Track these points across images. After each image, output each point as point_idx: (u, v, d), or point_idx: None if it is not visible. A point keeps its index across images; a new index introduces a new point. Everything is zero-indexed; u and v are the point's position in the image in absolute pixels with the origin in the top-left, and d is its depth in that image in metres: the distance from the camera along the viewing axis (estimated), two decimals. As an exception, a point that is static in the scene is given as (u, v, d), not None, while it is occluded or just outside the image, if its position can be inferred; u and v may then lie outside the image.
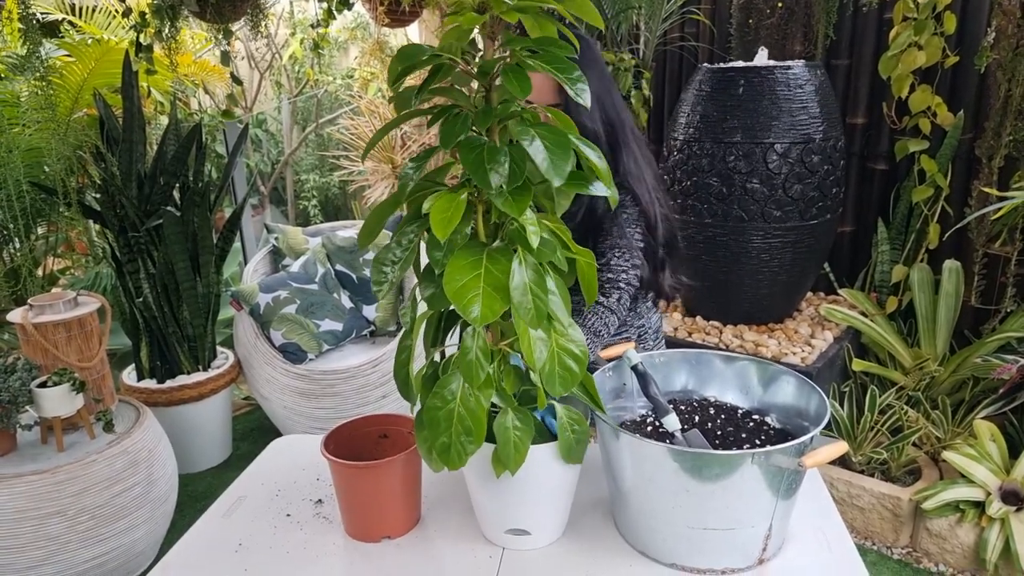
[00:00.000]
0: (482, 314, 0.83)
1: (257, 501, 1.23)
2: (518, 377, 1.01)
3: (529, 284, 0.87)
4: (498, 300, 0.84)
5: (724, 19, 2.99)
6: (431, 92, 0.92)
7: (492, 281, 0.86)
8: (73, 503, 1.91)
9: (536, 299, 0.87)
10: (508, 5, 0.85)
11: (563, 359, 0.94)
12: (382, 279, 0.94)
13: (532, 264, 0.89)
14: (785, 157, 2.29)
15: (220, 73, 3.52)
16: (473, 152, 0.86)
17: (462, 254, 0.88)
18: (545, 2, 0.86)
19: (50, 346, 2.03)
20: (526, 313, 0.86)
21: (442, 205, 0.85)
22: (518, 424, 0.96)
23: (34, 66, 2.36)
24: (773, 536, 1.02)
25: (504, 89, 0.90)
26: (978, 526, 2.06)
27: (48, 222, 2.89)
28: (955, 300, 2.54)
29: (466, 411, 0.92)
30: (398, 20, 2.82)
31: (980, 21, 2.52)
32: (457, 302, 0.84)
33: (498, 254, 0.89)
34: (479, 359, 0.91)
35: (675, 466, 0.97)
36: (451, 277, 0.85)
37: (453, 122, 0.88)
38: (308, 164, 5.02)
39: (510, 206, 0.85)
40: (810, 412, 1.11)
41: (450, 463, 0.92)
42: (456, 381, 0.93)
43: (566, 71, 0.87)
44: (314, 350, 2.78)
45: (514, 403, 0.97)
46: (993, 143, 2.44)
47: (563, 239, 0.96)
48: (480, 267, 0.87)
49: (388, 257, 0.94)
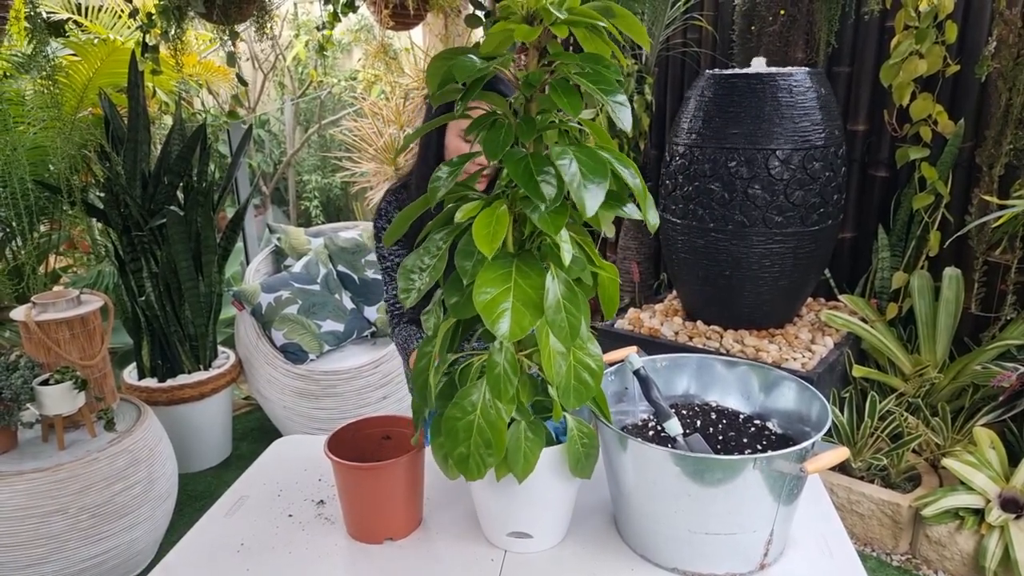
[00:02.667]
0: (511, 330, 0.82)
1: (259, 501, 1.23)
2: (533, 387, 1.01)
3: (563, 302, 0.86)
4: (527, 316, 0.83)
5: (726, 25, 3.00)
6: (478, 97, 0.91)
7: (522, 296, 0.84)
8: (74, 501, 1.91)
9: (570, 316, 0.87)
10: (558, 18, 0.82)
11: (579, 373, 0.94)
12: (410, 286, 0.92)
13: (564, 280, 0.88)
14: (787, 163, 2.30)
15: (224, 73, 3.53)
16: (521, 164, 0.84)
17: (492, 266, 0.86)
18: (595, 18, 0.84)
19: (52, 344, 2.03)
20: (560, 331, 0.86)
21: (485, 219, 0.83)
22: (530, 435, 0.96)
23: (40, 65, 2.37)
24: (775, 541, 1.03)
25: (544, 99, 0.89)
26: (978, 533, 2.06)
27: (51, 220, 2.90)
28: (955, 307, 2.55)
29: (487, 423, 0.91)
30: (402, 23, 2.83)
31: (981, 30, 2.53)
32: (486, 316, 0.82)
33: (528, 268, 0.88)
34: (507, 374, 0.90)
35: (677, 470, 0.97)
36: (480, 289, 0.84)
37: (496, 132, 0.87)
38: (310, 165, 5.03)
39: (547, 223, 0.83)
40: (811, 418, 1.12)
41: (468, 474, 0.92)
42: (477, 392, 0.92)
43: (611, 92, 0.84)
44: (315, 350, 2.79)
45: (530, 415, 0.97)
46: (994, 151, 2.45)
47: (589, 253, 0.96)
48: (510, 280, 0.85)
49: (417, 264, 0.93)
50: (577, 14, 0.83)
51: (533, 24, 0.84)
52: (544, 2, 0.83)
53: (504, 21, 0.85)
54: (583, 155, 0.83)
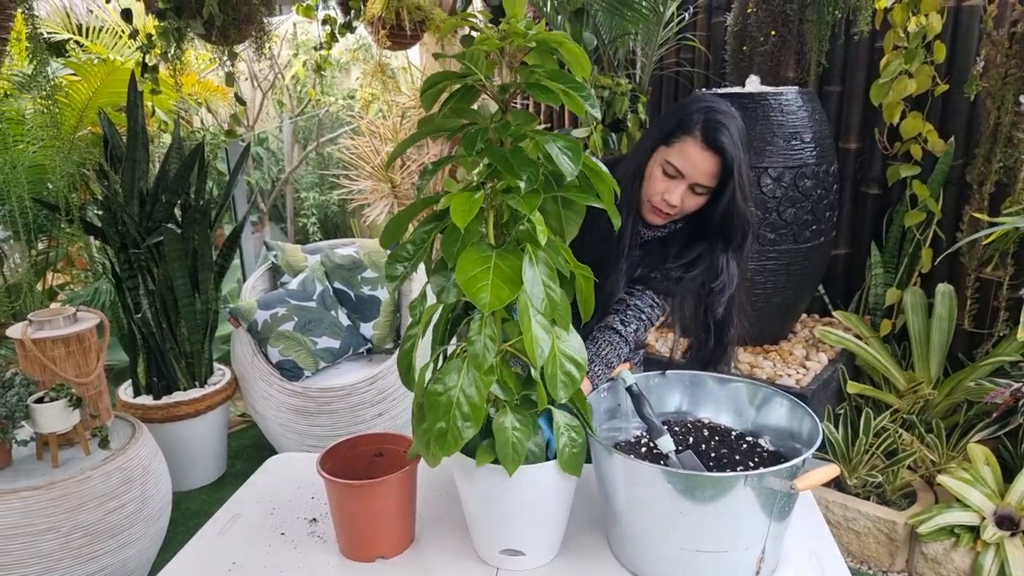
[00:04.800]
0: (491, 301, 0.88)
1: (252, 519, 1.23)
2: (519, 381, 1.03)
3: (541, 277, 0.93)
4: (505, 289, 0.90)
5: (719, 45, 3.04)
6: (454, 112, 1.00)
7: (500, 274, 0.91)
8: (67, 520, 1.90)
9: (549, 291, 0.93)
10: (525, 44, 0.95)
11: (563, 364, 0.97)
12: (395, 273, 1.00)
13: (543, 259, 0.94)
14: (779, 181, 2.32)
15: (223, 92, 3.56)
16: (498, 153, 0.93)
17: (474, 249, 0.93)
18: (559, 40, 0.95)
19: (48, 361, 2.03)
20: (540, 303, 0.92)
21: (461, 200, 0.91)
22: (517, 424, 0.98)
23: (40, 85, 2.39)
24: (767, 559, 1.03)
25: (517, 114, 0.98)
26: (973, 550, 2.06)
27: (49, 237, 2.91)
28: (948, 324, 2.56)
29: (464, 397, 0.94)
30: (400, 43, 2.87)
31: (969, 51, 2.57)
32: (468, 289, 0.89)
33: (507, 252, 0.95)
34: (486, 345, 0.94)
35: (668, 487, 0.98)
36: (463, 269, 0.90)
37: (476, 132, 0.95)
38: (308, 182, 5.06)
39: (522, 204, 0.91)
40: (803, 435, 1.12)
41: (445, 448, 0.94)
42: (458, 368, 0.96)
43: (577, 89, 0.94)
44: (311, 367, 2.79)
45: (514, 396, 1.00)
46: (983, 169, 2.48)
47: (565, 256, 0.99)
48: (490, 262, 0.92)
49: (401, 254, 1.01)
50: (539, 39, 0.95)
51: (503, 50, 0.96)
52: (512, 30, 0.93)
53: (478, 40, 0.96)
54: (564, 140, 0.94)
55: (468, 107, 1.01)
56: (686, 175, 1.25)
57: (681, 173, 1.25)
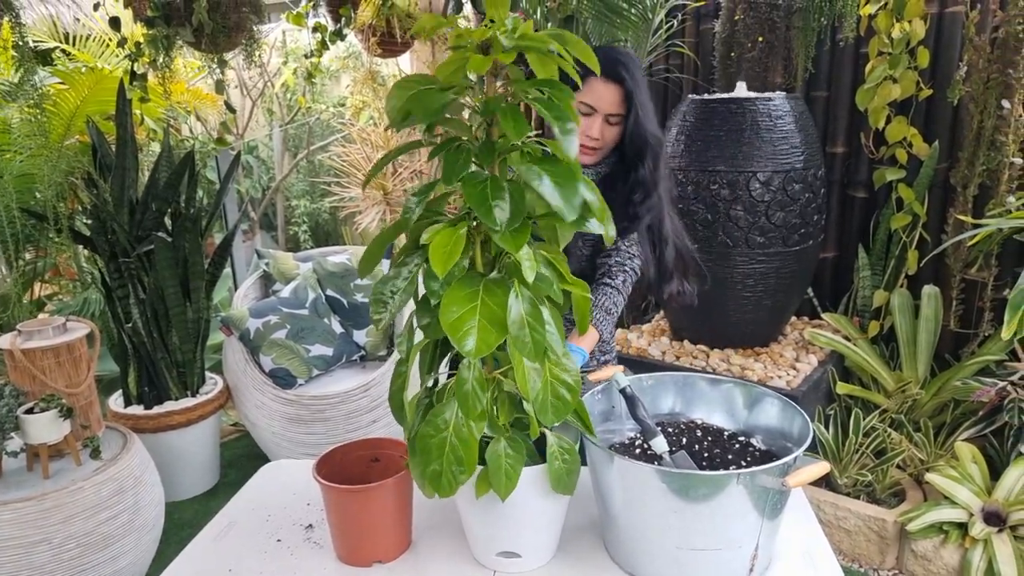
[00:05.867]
0: (477, 347, 0.84)
1: (247, 526, 1.23)
2: (512, 404, 1.02)
3: (526, 318, 0.88)
4: (494, 333, 0.85)
5: (707, 52, 3.07)
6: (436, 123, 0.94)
7: (488, 314, 0.86)
8: (59, 531, 1.89)
9: (534, 332, 0.88)
10: (505, 47, 0.86)
11: (556, 389, 0.95)
12: (381, 310, 0.94)
13: (528, 298, 0.89)
14: (767, 185, 2.35)
15: (213, 100, 3.56)
16: (477, 188, 0.87)
17: (459, 286, 0.89)
18: (544, 44, 0.87)
19: (38, 372, 2.02)
20: (523, 347, 0.87)
21: (442, 240, 0.86)
22: (510, 452, 0.97)
23: (27, 93, 2.38)
24: (760, 556, 1.04)
25: (507, 118, 0.90)
26: (962, 547, 2.08)
27: (37, 247, 2.89)
28: (935, 324, 2.59)
29: (459, 441, 0.92)
30: (390, 51, 2.88)
31: (952, 56, 2.61)
32: (452, 334, 0.84)
33: (495, 286, 0.89)
34: (475, 390, 0.92)
35: (663, 487, 0.99)
36: (447, 309, 0.86)
37: (456, 156, 0.89)
38: (299, 190, 5.06)
39: (508, 242, 0.86)
40: (793, 433, 1.14)
41: (440, 491, 0.93)
42: (450, 410, 0.94)
43: (561, 118, 0.88)
44: (304, 375, 2.78)
45: (506, 432, 0.98)
46: (967, 172, 2.51)
47: (560, 271, 0.98)
48: (477, 299, 0.87)
49: (388, 289, 0.95)
50: (528, 40, 0.87)
51: (487, 53, 0.87)
52: (494, 32, 0.86)
53: (459, 51, 0.87)
54: (553, 169, 0.88)
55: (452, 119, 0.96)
56: (598, 108, 1.42)
57: (593, 108, 1.42)
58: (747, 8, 2.58)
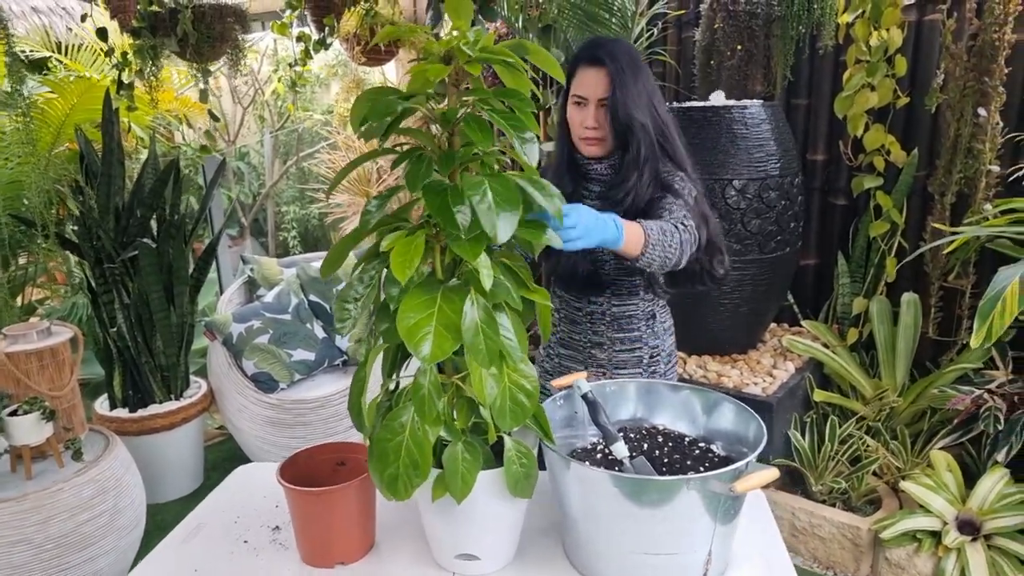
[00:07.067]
0: (432, 353, 0.85)
1: (216, 528, 1.25)
2: (471, 409, 1.03)
3: (480, 325, 0.89)
4: (449, 339, 0.86)
5: (688, 60, 3.10)
6: (399, 132, 0.96)
7: (445, 320, 0.87)
8: (39, 531, 1.91)
9: (487, 339, 0.89)
10: (470, 56, 0.88)
11: (515, 394, 0.97)
12: (345, 316, 0.96)
13: (483, 305, 0.90)
14: (743, 193, 2.38)
15: (201, 109, 3.59)
16: (438, 197, 0.88)
17: (417, 292, 0.90)
18: (506, 56, 0.90)
19: (22, 375, 2.04)
20: (477, 353, 0.89)
21: (401, 247, 0.87)
22: (467, 455, 0.98)
23: (16, 102, 2.41)
24: (714, 560, 1.06)
25: (471, 126, 0.93)
26: (935, 556, 2.10)
27: (28, 253, 2.92)
28: (913, 332, 2.61)
29: (414, 444, 0.94)
30: (375, 59, 2.91)
31: (930, 64, 2.64)
32: (408, 340, 0.85)
33: (453, 293, 0.91)
34: (431, 395, 0.93)
35: (616, 492, 1.00)
36: (404, 315, 0.87)
37: (418, 165, 0.91)
38: (289, 196, 5.08)
39: (465, 250, 0.87)
40: (749, 438, 1.16)
41: (397, 494, 0.95)
42: (407, 414, 0.95)
43: (521, 129, 0.91)
44: (286, 379, 2.80)
45: (462, 436, 1.00)
46: (944, 180, 2.54)
47: (521, 278, 0.99)
48: (434, 306, 0.88)
49: (351, 295, 0.97)
50: (490, 52, 0.89)
51: (450, 63, 0.90)
52: (457, 43, 0.88)
53: (422, 62, 0.89)
54: (497, 185, 0.88)
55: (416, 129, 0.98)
56: (589, 96, 1.44)
57: (585, 97, 1.44)
58: (726, 17, 2.61)
